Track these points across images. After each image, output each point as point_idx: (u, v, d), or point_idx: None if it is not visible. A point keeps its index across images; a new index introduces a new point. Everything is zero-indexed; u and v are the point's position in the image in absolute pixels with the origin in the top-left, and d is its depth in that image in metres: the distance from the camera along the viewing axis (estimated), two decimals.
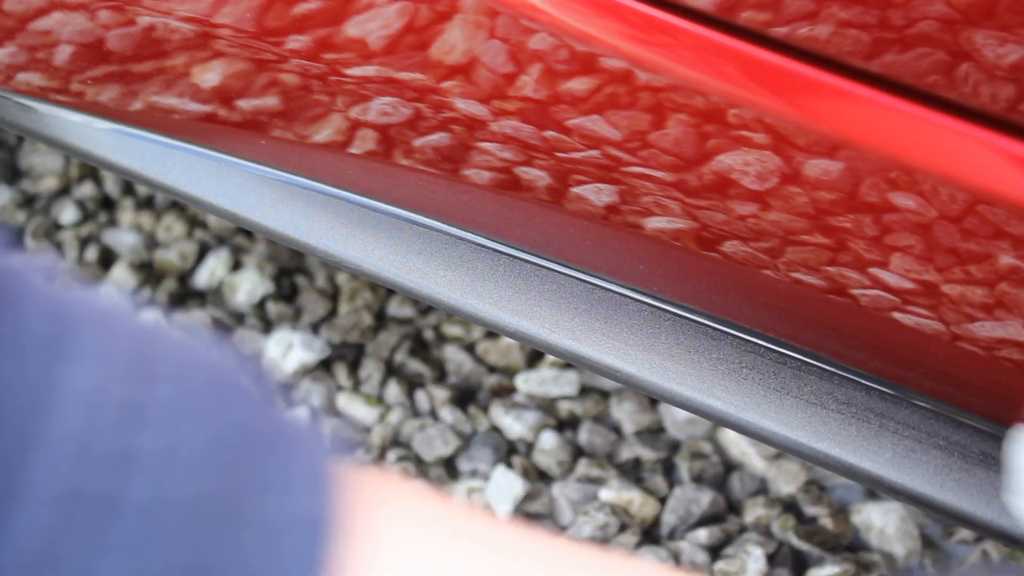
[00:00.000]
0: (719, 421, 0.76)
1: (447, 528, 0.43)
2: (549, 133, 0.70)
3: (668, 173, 0.68)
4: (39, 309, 0.38)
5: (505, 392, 1.25)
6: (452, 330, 1.29)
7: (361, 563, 0.39)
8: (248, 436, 0.39)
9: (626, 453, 1.20)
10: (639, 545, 1.12)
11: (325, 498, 0.39)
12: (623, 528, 1.14)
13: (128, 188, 1.43)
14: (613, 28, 0.65)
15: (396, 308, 1.31)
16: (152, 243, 1.36)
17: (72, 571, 0.35)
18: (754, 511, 1.15)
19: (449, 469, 1.20)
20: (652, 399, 1.22)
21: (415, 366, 1.26)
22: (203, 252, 1.36)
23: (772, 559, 1.11)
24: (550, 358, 1.26)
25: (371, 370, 1.26)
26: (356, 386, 1.26)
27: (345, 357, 1.28)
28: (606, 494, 1.15)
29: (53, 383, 0.37)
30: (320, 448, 0.41)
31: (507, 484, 1.15)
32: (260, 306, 1.32)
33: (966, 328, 0.66)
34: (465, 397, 1.26)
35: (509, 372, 1.26)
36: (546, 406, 1.23)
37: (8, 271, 0.38)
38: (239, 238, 1.37)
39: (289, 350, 1.25)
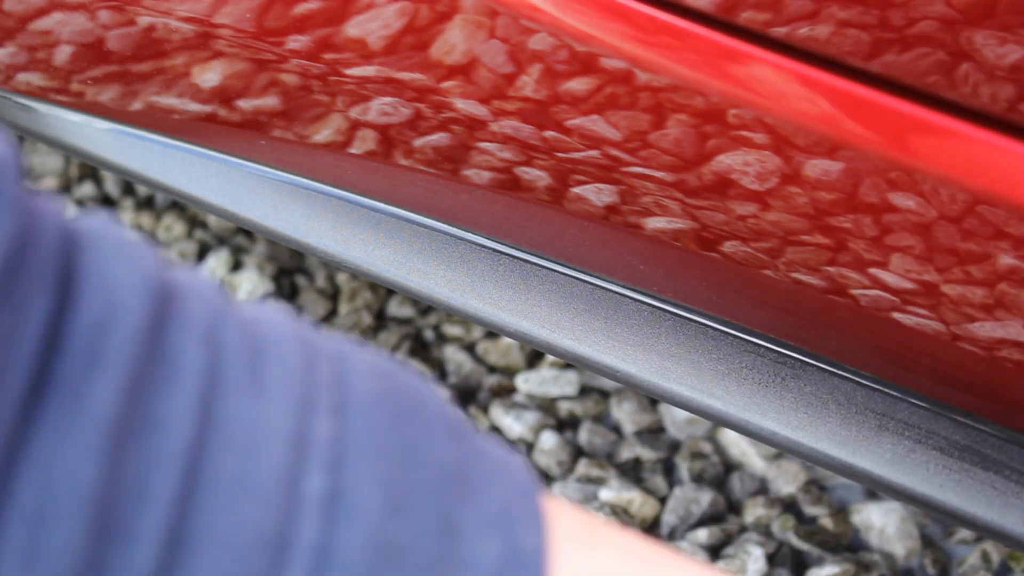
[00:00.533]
0: (719, 421, 0.76)
1: (654, 570, 0.38)
2: (549, 133, 0.70)
3: (668, 173, 0.67)
4: (208, 333, 0.34)
5: (505, 392, 1.25)
6: (452, 330, 1.29)
7: None
8: (442, 471, 0.35)
9: (626, 453, 1.20)
10: None
11: (535, 536, 0.35)
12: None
13: (128, 188, 1.43)
14: (613, 28, 0.65)
15: (396, 308, 1.31)
16: (152, 243, 1.36)
17: None
18: (754, 511, 1.15)
19: None
20: (652, 399, 1.22)
21: (415, 366, 1.27)
22: (203, 252, 1.36)
23: (772, 559, 1.11)
24: (550, 358, 1.26)
25: None
26: None
27: None
28: (606, 494, 1.15)
29: (227, 416, 0.33)
30: (522, 482, 0.36)
31: None
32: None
33: (966, 328, 0.66)
34: (465, 397, 1.26)
35: (509, 372, 1.26)
36: (546, 406, 1.23)
37: (176, 290, 0.35)
38: (239, 238, 1.37)
39: None
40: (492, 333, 1.28)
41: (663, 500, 1.16)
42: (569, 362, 0.81)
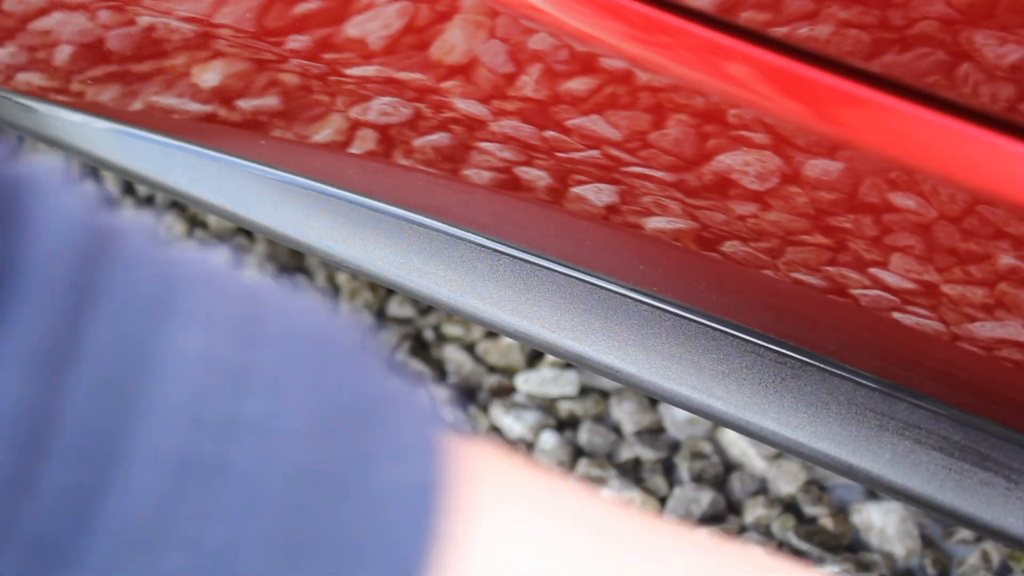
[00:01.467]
0: (719, 421, 0.76)
1: (554, 505, 0.41)
2: (549, 133, 0.70)
3: (668, 173, 0.67)
4: (143, 269, 0.37)
5: (505, 392, 1.25)
6: (452, 330, 1.29)
7: (465, 537, 0.37)
8: (356, 403, 0.38)
9: (626, 453, 1.20)
10: None
11: (434, 467, 0.37)
12: None
13: (128, 188, 1.43)
14: (613, 28, 0.65)
15: (396, 308, 1.31)
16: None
17: (176, 538, 0.34)
18: (754, 511, 1.15)
19: None
20: (652, 399, 1.22)
21: (415, 366, 1.26)
22: None
23: None
24: (550, 358, 1.26)
25: None
26: None
27: None
28: (606, 494, 1.15)
29: (157, 346, 0.35)
30: (428, 415, 0.39)
31: None
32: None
33: (966, 328, 0.66)
34: (465, 397, 1.26)
35: (509, 372, 1.26)
36: (546, 406, 1.23)
37: (112, 230, 0.38)
38: (239, 238, 1.37)
39: None
40: (492, 333, 1.28)
41: (663, 500, 1.16)
42: (569, 362, 0.81)
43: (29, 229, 0.35)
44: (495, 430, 1.22)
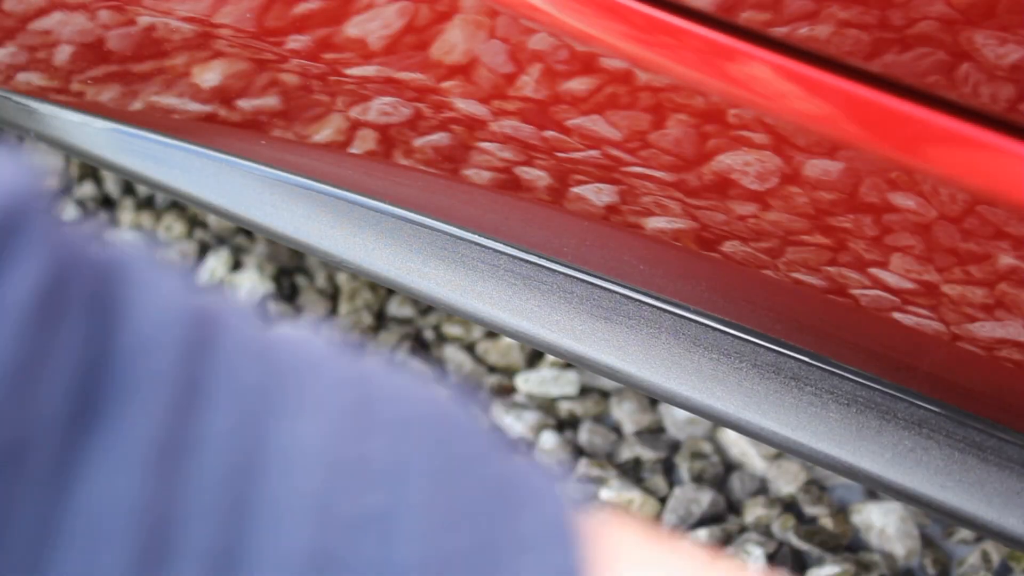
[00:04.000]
0: (719, 421, 0.76)
1: None
2: (549, 133, 0.70)
3: (668, 173, 0.68)
4: (247, 357, 0.36)
5: (505, 392, 1.25)
6: (452, 330, 1.29)
7: None
8: (481, 490, 0.36)
9: (626, 453, 1.20)
10: None
11: (567, 555, 0.36)
12: None
13: (128, 188, 1.43)
14: (613, 28, 0.65)
15: (396, 308, 1.31)
16: (152, 243, 1.36)
17: None
18: (754, 511, 1.15)
19: None
20: (652, 399, 1.22)
21: (415, 366, 1.26)
22: (203, 252, 1.36)
23: (772, 559, 1.11)
24: (550, 358, 1.26)
25: None
26: None
27: None
28: (606, 494, 1.15)
29: (271, 439, 0.34)
30: (558, 499, 0.37)
31: None
32: (260, 306, 1.32)
33: (966, 328, 0.66)
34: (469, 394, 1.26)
35: (509, 372, 1.26)
36: (546, 406, 1.23)
37: (212, 315, 0.36)
38: (239, 238, 1.37)
39: None
40: (492, 333, 1.28)
41: (663, 500, 1.16)
42: (569, 362, 0.81)
43: (128, 318, 0.34)
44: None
